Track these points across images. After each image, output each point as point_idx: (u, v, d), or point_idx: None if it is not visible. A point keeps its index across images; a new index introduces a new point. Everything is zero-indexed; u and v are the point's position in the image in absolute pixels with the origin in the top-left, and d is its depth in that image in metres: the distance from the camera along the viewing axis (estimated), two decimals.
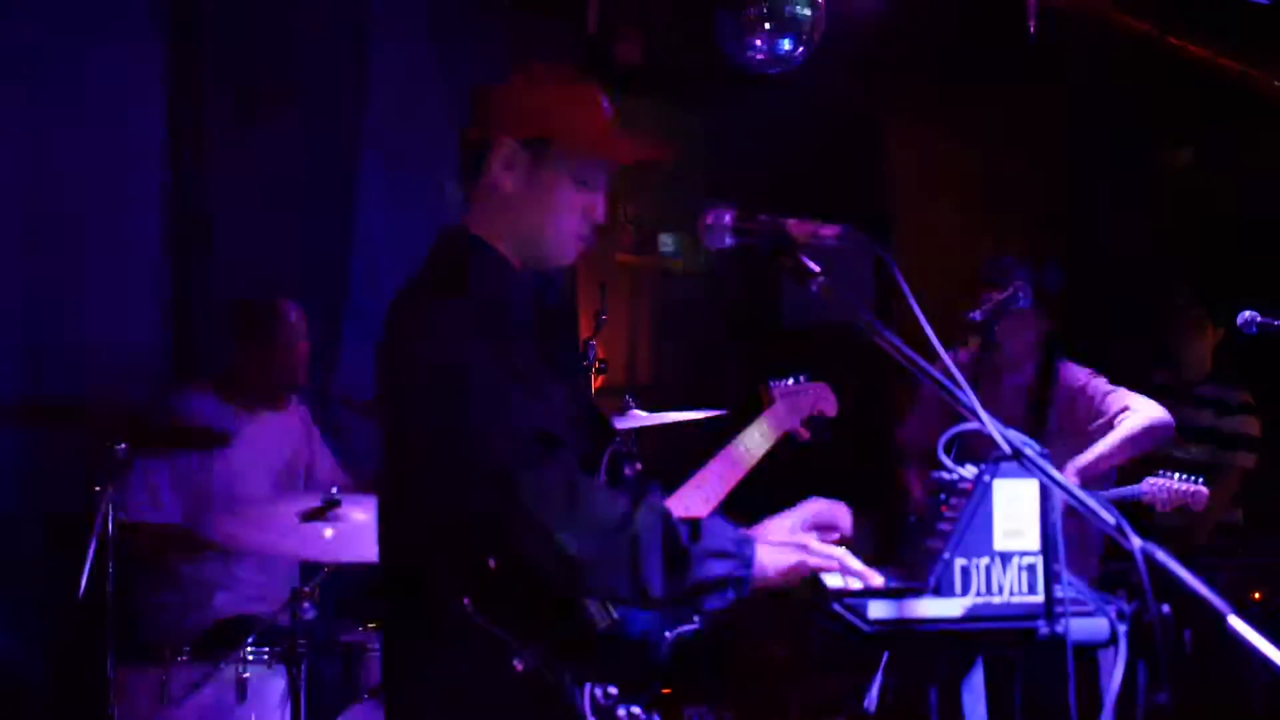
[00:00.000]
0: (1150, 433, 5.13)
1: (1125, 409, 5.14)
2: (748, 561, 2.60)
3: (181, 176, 5.28)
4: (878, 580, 2.62)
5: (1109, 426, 5.13)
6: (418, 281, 2.81)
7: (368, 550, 3.81)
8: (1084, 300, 6.86)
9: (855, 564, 2.65)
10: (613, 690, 2.62)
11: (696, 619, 2.87)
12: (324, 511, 4.22)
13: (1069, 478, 4.92)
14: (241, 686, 4.16)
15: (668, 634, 2.81)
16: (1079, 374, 5.32)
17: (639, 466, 2.87)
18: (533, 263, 2.87)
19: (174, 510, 4.72)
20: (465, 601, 2.58)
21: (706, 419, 5.05)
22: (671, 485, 3.23)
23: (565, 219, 2.83)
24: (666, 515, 2.60)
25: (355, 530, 4.17)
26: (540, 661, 2.56)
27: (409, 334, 2.69)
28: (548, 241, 2.84)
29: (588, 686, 2.60)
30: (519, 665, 2.55)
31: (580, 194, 2.83)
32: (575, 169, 2.81)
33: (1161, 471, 5.17)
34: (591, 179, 2.84)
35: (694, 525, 2.60)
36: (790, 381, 3.84)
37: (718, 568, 2.58)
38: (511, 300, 2.76)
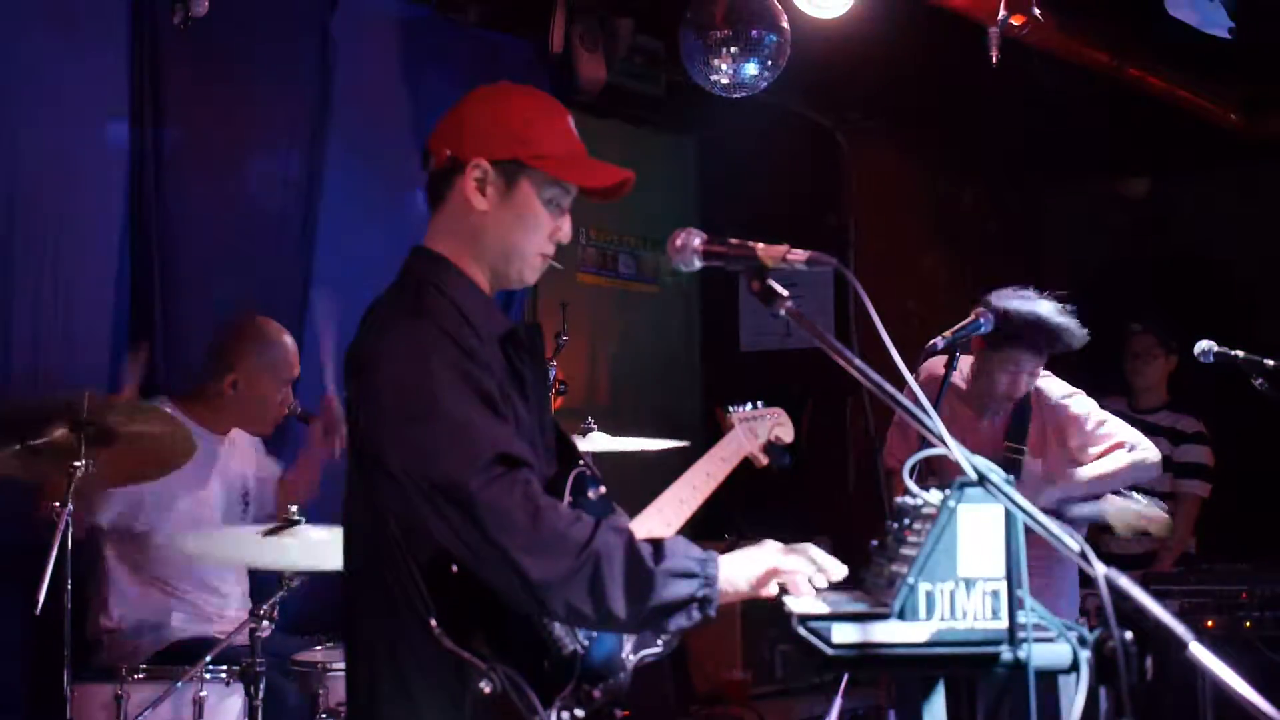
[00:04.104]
0: (1143, 471, 5.14)
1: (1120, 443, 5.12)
2: (711, 580, 2.58)
3: (142, 195, 5.23)
4: (843, 570, 2.66)
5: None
6: (386, 300, 2.82)
7: (332, 559, 3.81)
8: None
9: (822, 556, 2.68)
10: (579, 713, 2.62)
11: (661, 642, 2.87)
12: (284, 529, 4.20)
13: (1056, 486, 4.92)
14: (199, 706, 4.13)
15: (632, 657, 2.81)
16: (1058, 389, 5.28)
17: (603, 490, 2.86)
18: (500, 282, 2.88)
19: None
20: (432, 623, 2.57)
21: (666, 449, 5.07)
22: (633, 509, 3.23)
23: (533, 240, 2.84)
24: (629, 536, 2.58)
25: (317, 545, 4.15)
26: (507, 684, 2.55)
27: (375, 353, 2.69)
28: (514, 262, 2.85)
29: (554, 710, 2.60)
30: (486, 688, 2.54)
31: (549, 216, 2.84)
32: (545, 191, 2.83)
33: (1124, 492, 5.12)
34: (560, 201, 2.85)
35: (657, 546, 2.59)
36: (749, 407, 3.86)
37: (682, 588, 2.55)
38: (478, 320, 2.75)
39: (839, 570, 2.69)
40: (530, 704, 2.56)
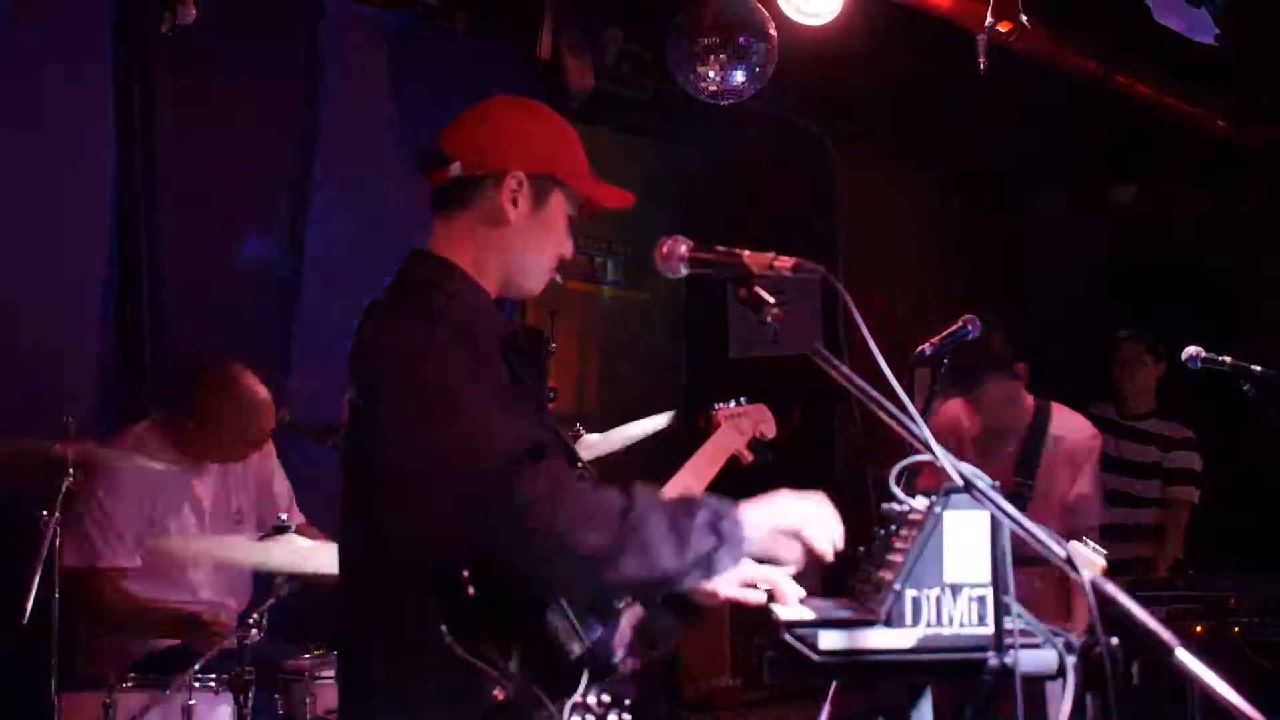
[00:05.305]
0: None
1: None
2: (737, 522, 2.59)
3: (132, 203, 5.22)
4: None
5: None
6: (387, 304, 2.80)
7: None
8: (1029, 334, 6.92)
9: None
10: (590, 717, 2.60)
11: (657, 648, 2.87)
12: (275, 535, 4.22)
13: None
14: (187, 714, 4.12)
15: (632, 660, 2.80)
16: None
17: None
18: (509, 291, 2.90)
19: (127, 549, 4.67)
20: (443, 629, 2.55)
21: (659, 432, 5.08)
22: None
23: (550, 254, 2.90)
24: (658, 494, 2.62)
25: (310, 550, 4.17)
26: (518, 690, 2.54)
27: (384, 358, 2.67)
28: (529, 274, 2.90)
29: (566, 713, 2.58)
30: (499, 695, 2.52)
31: (566, 232, 2.90)
32: (569, 208, 2.88)
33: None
34: (572, 217, 2.90)
35: (684, 501, 2.63)
36: (734, 404, 3.90)
37: (710, 540, 2.55)
38: (483, 323, 2.76)
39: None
40: (543, 710, 2.54)
